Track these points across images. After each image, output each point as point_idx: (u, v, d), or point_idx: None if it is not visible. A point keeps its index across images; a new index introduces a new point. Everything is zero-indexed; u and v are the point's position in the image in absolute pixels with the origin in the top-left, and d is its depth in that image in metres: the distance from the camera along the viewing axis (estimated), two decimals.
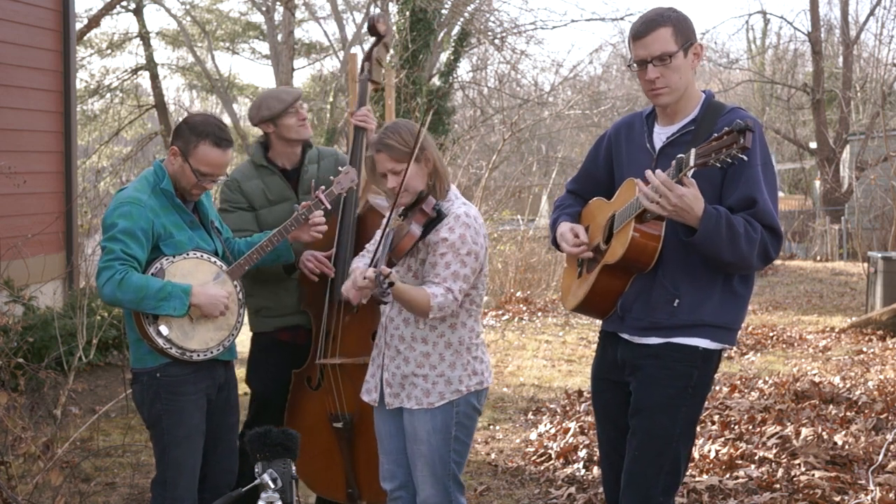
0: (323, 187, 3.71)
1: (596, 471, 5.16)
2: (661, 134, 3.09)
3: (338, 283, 3.90)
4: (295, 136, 3.99)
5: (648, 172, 2.82)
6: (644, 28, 2.97)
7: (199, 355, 3.41)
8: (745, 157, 2.64)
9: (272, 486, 2.83)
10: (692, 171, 2.72)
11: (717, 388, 7.16)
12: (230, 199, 4.00)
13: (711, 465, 5.13)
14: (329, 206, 3.71)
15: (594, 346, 9.80)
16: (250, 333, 4.21)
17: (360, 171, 3.99)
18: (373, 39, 4.25)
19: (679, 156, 2.76)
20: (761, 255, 2.91)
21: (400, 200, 3.29)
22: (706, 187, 2.85)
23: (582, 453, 5.44)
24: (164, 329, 3.34)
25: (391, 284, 2.96)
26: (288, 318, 4.02)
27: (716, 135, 2.66)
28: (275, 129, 3.98)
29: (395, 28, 16.56)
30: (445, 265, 3.22)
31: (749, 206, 2.89)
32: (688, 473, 4.99)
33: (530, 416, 6.74)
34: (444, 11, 17.58)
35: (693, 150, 2.70)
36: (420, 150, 3.26)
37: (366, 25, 4.40)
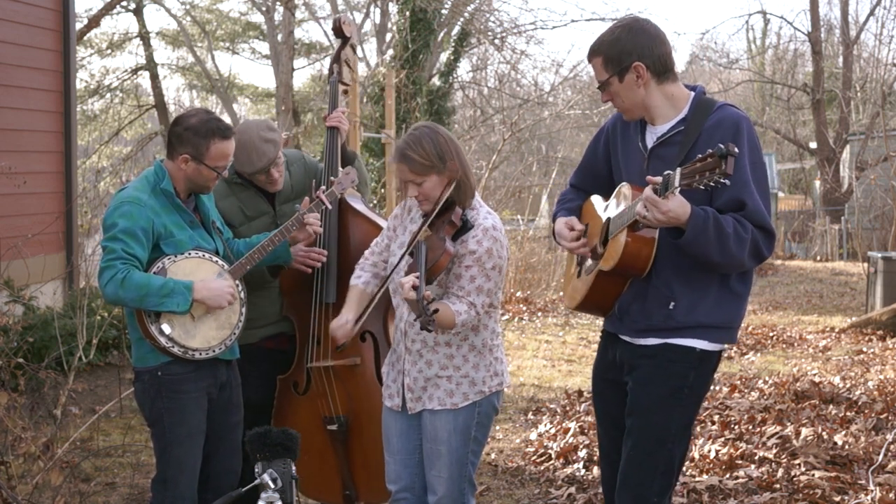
0: (323, 187, 3.72)
1: (596, 471, 5.16)
2: (652, 133, 3.10)
3: (324, 285, 3.90)
4: (261, 186, 3.94)
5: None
6: (587, 57, 3.13)
7: (201, 354, 3.41)
8: (728, 182, 2.64)
9: (272, 486, 2.83)
10: (678, 190, 2.73)
11: (717, 388, 7.16)
12: None
13: (711, 465, 5.13)
14: (330, 206, 3.72)
15: (594, 346, 9.81)
16: None
17: (336, 170, 3.97)
18: (339, 42, 4.23)
19: (667, 172, 2.77)
20: (753, 254, 2.91)
21: (422, 208, 3.31)
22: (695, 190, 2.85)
23: (582, 453, 5.44)
24: (166, 328, 3.35)
25: (436, 311, 2.95)
26: (271, 327, 4.00)
27: (699, 156, 2.66)
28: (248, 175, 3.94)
29: (395, 28, 16.56)
30: (470, 279, 3.22)
31: (738, 209, 2.89)
32: (688, 473, 5.00)
33: (530, 416, 6.75)
34: (444, 11, 17.57)
35: (679, 170, 2.71)
36: (442, 162, 3.23)
37: (331, 27, 4.32)
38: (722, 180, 2.60)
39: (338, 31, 4.21)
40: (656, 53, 3.00)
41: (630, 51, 2.98)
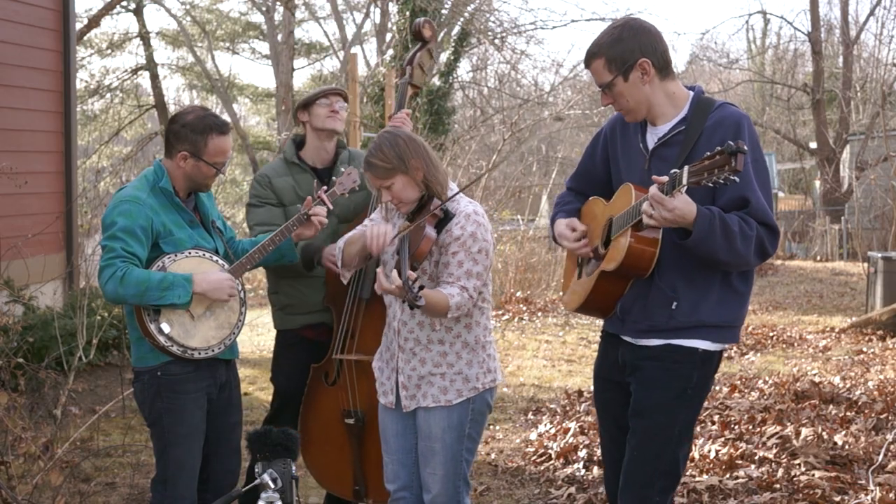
0: (325, 187, 3.73)
1: (596, 471, 5.17)
2: (653, 134, 3.10)
3: (361, 279, 3.93)
4: (321, 125, 4.04)
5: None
6: (585, 62, 3.11)
7: (200, 353, 3.41)
8: (738, 179, 2.63)
9: (272, 486, 2.83)
10: (685, 188, 2.73)
11: (717, 388, 7.16)
12: (260, 194, 4.05)
13: (711, 465, 5.13)
14: (331, 206, 3.72)
15: (594, 346, 9.78)
16: (273, 331, 4.28)
17: None
18: (418, 44, 4.30)
19: (673, 171, 2.76)
20: (758, 251, 2.91)
21: (400, 210, 3.37)
22: (698, 188, 2.85)
23: (582, 453, 5.44)
24: (165, 327, 3.35)
25: (422, 287, 2.98)
26: (313, 316, 4.06)
27: (708, 154, 2.66)
28: (308, 117, 4.07)
29: (395, 28, 16.56)
30: (458, 264, 3.25)
31: (742, 207, 2.90)
32: (688, 473, 4.99)
33: (530, 416, 6.75)
34: (444, 11, 17.58)
35: (686, 168, 2.70)
36: (403, 162, 3.27)
37: (415, 30, 4.40)
38: (732, 177, 2.60)
39: (417, 34, 4.27)
40: (659, 50, 3.01)
41: (633, 48, 2.99)
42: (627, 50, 2.99)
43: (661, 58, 3.01)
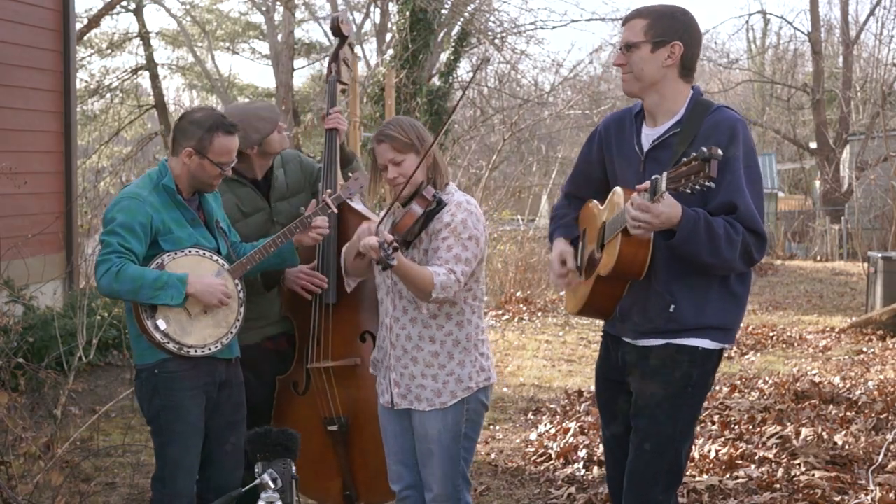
0: (329, 191, 3.72)
1: (596, 471, 5.17)
2: (648, 136, 3.09)
3: (325, 287, 3.90)
4: (279, 148, 3.94)
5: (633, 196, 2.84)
6: (627, 15, 3.10)
7: (196, 351, 3.42)
8: (713, 185, 2.63)
9: (272, 486, 2.83)
10: (666, 193, 2.74)
11: (717, 388, 7.16)
12: None
13: (711, 465, 5.13)
14: (336, 210, 3.70)
15: (594, 346, 9.77)
16: None
17: (336, 172, 3.98)
18: (337, 41, 4.23)
19: (654, 176, 2.77)
20: (744, 257, 2.91)
21: (403, 193, 3.35)
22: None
23: (582, 453, 5.44)
24: (161, 323, 3.35)
25: (395, 249, 3.01)
26: (271, 328, 4.00)
27: (684, 159, 2.66)
28: (259, 147, 3.88)
29: (395, 28, 16.56)
30: (447, 248, 3.25)
31: (730, 212, 2.90)
32: (688, 473, 4.99)
33: (530, 416, 6.75)
34: (444, 11, 17.56)
35: (665, 174, 2.71)
36: (421, 143, 3.33)
37: (330, 26, 4.33)
38: (707, 184, 2.60)
39: (336, 30, 4.22)
40: (694, 50, 3.04)
41: (678, 30, 3.00)
42: (672, 28, 3.00)
43: (691, 57, 3.04)
